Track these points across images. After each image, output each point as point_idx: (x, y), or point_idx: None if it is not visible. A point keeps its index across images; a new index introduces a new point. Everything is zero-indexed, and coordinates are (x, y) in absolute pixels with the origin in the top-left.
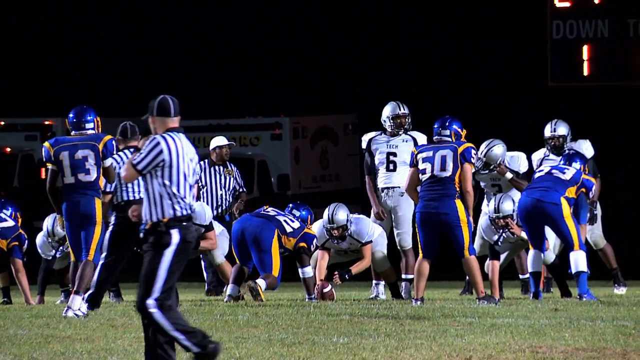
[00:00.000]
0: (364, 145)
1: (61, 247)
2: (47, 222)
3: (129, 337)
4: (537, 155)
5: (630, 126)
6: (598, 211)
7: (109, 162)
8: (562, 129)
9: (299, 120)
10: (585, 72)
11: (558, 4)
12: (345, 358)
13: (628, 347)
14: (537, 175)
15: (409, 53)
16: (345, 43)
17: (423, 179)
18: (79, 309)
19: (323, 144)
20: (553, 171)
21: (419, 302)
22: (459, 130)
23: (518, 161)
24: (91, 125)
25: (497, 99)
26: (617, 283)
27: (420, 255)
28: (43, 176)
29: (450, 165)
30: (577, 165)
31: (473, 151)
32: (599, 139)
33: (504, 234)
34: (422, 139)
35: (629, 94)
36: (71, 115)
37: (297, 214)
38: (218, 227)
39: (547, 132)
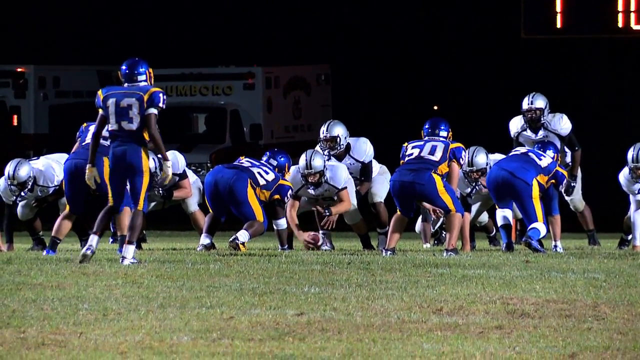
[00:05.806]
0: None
1: (22, 192)
2: (9, 167)
3: (100, 285)
4: (514, 124)
5: (603, 78)
6: (577, 182)
7: (151, 111)
8: (540, 102)
9: (271, 70)
10: (559, 25)
11: None
12: (316, 308)
13: (599, 299)
14: (512, 153)
15: (381, 4)
16: None
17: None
18: (132, 258)
19: (296, 94)
20: (530, 154)
21: (389, 253)
22: (449, 131)
23: None
24: (143, 77)
25: (470, 51)
26: (592, 244)
27: (399, 212)
28: (15, 123)
29: (439, 154)
30: (551, 153)
31: (463, 152)
32: (571, 92)
33: (476, 187)
34: (357, 147)
35: (602, 46)
36: (123, 67)
37: (275, 162)
38: (192, 176)
39: (525, 104)
